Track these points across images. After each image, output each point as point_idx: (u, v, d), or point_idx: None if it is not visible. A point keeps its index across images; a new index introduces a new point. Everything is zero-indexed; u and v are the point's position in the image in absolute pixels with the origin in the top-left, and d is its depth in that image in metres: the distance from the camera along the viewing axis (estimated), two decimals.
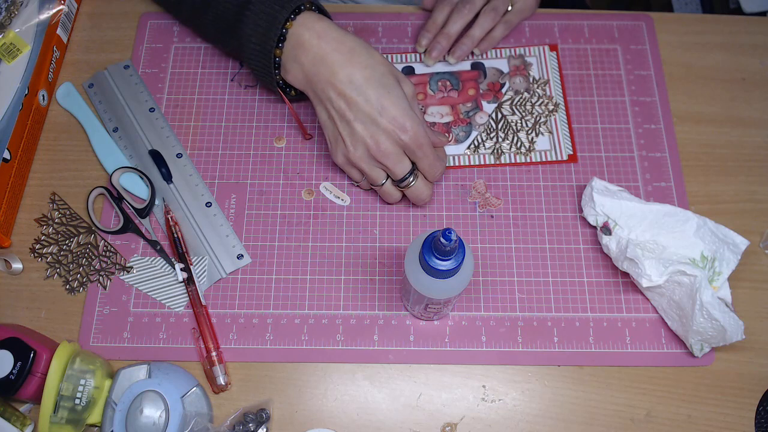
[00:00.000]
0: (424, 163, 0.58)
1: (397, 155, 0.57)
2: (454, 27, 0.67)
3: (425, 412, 0.57)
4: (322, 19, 0.58)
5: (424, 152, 0.57)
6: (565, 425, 0.56)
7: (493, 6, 0.67)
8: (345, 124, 0.57)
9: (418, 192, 0.60)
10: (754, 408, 0.57)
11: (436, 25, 0.68)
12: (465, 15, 0.67)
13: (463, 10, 0.67)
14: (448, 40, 0.68)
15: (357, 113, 0.56)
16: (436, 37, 0.68)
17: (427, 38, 0.68)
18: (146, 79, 0.69)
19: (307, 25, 0.58)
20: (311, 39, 0.57)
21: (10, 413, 0.55)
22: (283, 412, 0.56)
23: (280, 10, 0.57)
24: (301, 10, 0.58)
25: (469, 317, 0.60)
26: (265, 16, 0.58)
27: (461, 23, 0.67)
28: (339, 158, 0.60)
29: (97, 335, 0.59)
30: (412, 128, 0.56)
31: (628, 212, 0.60)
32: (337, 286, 0.61)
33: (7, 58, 0.64)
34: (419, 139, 0.56)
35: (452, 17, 0.67)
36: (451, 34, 0.67)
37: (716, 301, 0.54)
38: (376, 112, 0.56)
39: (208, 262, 0.61)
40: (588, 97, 0.69)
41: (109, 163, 0.65)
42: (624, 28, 0.72)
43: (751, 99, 0.69)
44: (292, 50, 0.58)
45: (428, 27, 0.68)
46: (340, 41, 0.57)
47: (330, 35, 0.57)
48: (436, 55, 0.68)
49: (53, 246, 0.62)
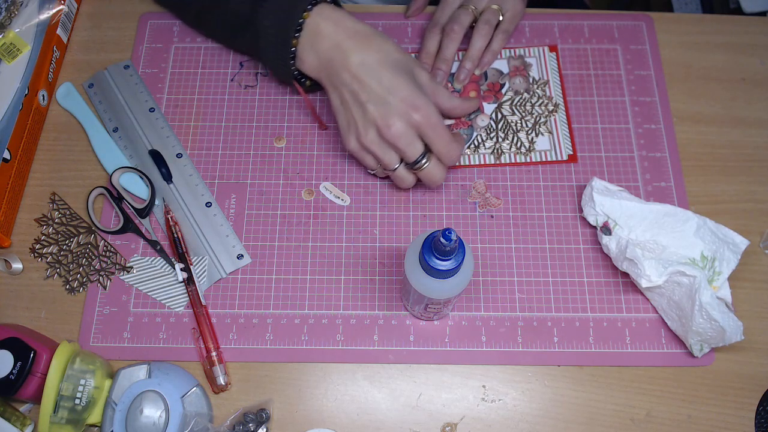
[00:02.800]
0: (439, 145, 0.58)
1: (408, 136, 0.57)
2: (449, 51, 0.67)
3: (425, 412, 0.57)
4: (337, 10, 0.60)
5: (437, 133, 0.57)
6: (565, 425, 0.56)
7: (485, 20, 0.67)
8: (358, 107, 0.58)
9: (430, 174, 0.59)
10: (754, 408, 0.57)
11: (429, 54, 0.68)
12: (456, 36, 0.66)
13: (452, 32, 0.66)
14: (447, 65, 0.67)
15: (370, 94, 0.57)
16: (435, 64, 0.68)
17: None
18: (146, 79, 0.69)
19: (323, 14, 0.59)
20: (327, 27, 0.58)
21: (10, 413, 0.55)
22: (283, 412, 0.56)
23: (298, 2, 0.59)
24: (317, 2, 0.59)
25: (469, 317, 0.60)
26: (283, 8, 0.59)
27: (454, 46, 0.67)
28: (352, 143, 0.60)
29: (97, 335, 0.59)
30: (423, 107, 0.56)
31: (628, 212, 0.60)
32: (337, 286, 0.61)
33: (7, 58, 0.64)
34: (431, 118, 0.57)
35: (444, 42, 0.67)
36: (448, 59, 0.67)
37: (715, 302, 0.54)
38: (387, 92, 0.56)
39: (208, 262, 0.61)
40: (588, 97, 0.69)
41: (109, 163, 0.65)
42: (624, 28, 0.72)
43: (751, 99, 0.69)
44: (309, 39, 0.59)
45: (422, 57, 0.68)
46: (356, 29, 0.58)
47: (346, 23, 0.59)
48: (439, 81, 0.67)
49: (53, 246, 0.62)
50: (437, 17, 0.68)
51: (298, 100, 0.68)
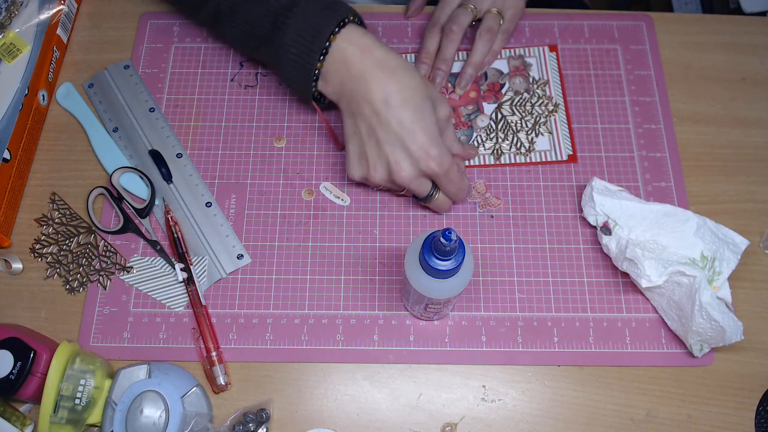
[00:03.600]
0: (448, 189, 0.59)
1: (416, 181, 0.57)
2: (449, 51, 0.67)
3: (425, 412, 0.57)
4: (366, 35, 0.57)
5: (449, 178, 0.57)
6: (565, 425, 0.56)
7: (486, 27, 0.66)
8: (373, 142, 0.56)
9: (439, 205, 0.61)
10: (754, 408, 0.57)
11: (429, 54, 0.67)
12: (456, 37, 0.66)
13: (451, 33, 0.66)
14: (446, 65, 0.67)
15: (388, 134, 0.55)
16: (435, 64, 0.67)
17: (425, 68, 0.67)
18: (146, 79, 0.69)
19: (351, 39, 0.56)
20: (354, 54, 0.56)
21: (10, 413, 0.55)
22: (283, 412, 0.56)
23: (325, 23, 0.56)
24: (345, 23, 0.57)
25: (469, 317, 0.60)
26: (308, 28, 0.56)
27: (454, 46, 0.67)
28: (357, 174, 0.59)
29: (97, 335, 0.59)
30: (438, 156, 0.55)
31: (628, 212, 0.60)
32: (337, 286, 0.61)
33: (7, 58, 0.64)
34: (444, 166, 0.56)
35: (444, 42, 0.67)
36: (448, 59, 0.67)
37: (715, 302, 0.54)
38: (406, 135, 0.55)
39: (208, 262, 0.61)
40: (588, 97, 0.69)
41: (109, 163, 0.65)
42: (624, 28, 0.72)
43: (751, 99, 0.69)
44: (334, 64, 0.57)
45: (422, 58, 0.67)
46: (384, 59, 0.56)
47: (374, 53, 0.56)
48: (440, 82, 0.67)
49: (53, 246, 0.62)
50: (437, 16, 0.68)
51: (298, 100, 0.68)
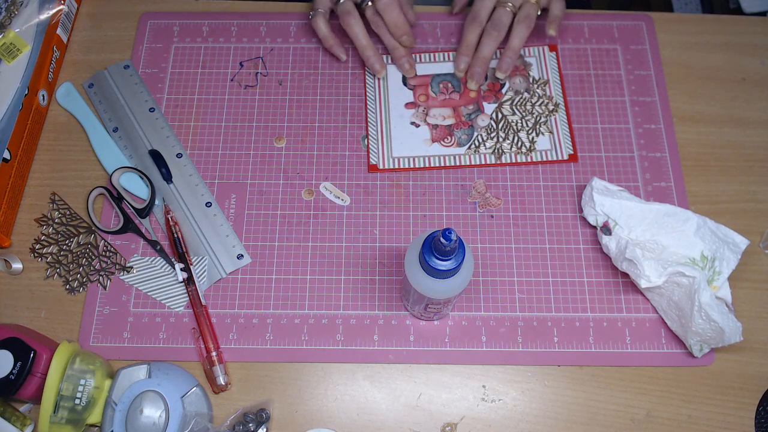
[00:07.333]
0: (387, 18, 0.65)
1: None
2: (488, 50, 0.68)
3: (425, 412, 0.57)
4: None
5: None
6: (565, 425, 0.56)
7: (525, 14, 0.67)
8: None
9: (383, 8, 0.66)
10: (754, 408, 0.57)
11: (470, 47, 0.69)
12: (495, 39, 0.67)
13: (491, 35, 0.67)
14: (483, 65, 0.68)
15: None
16: (472, 63, 0.68)
17: (465, 62, 0.69)
18: (146, 79, 0.69)
19: None
20: None
21: (10, 413, 0.55)
22: (283, 412, 0.56)
23: None
24: None
25: (469, 317, 0.60)
26: None
27: (492, 47, 0.68)
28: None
29: (97, 335, 0.59)
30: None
31: (628, 212, 0.60)
32: (337, 286, 0.61)
33: (7, 58, 0.64)
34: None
35: (484, 40, 0.68)
36: (486, 58, 0.68)
37: (715, 303, 0.54)
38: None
39: (208, 262, 0.61)
40: (588, 97, 0.69)
41: (109, 163, 0.65)
42: (624, 28, 0.72)
43: (752, 99, 0.69)
44: None
45: (462, 50, 0.69)
46: None
47: None
48: (477, 81, 0.68)
49: (53, 246, 0.62)
50: (477, 11, 0.68)
51: (298, 101, 0.68)
